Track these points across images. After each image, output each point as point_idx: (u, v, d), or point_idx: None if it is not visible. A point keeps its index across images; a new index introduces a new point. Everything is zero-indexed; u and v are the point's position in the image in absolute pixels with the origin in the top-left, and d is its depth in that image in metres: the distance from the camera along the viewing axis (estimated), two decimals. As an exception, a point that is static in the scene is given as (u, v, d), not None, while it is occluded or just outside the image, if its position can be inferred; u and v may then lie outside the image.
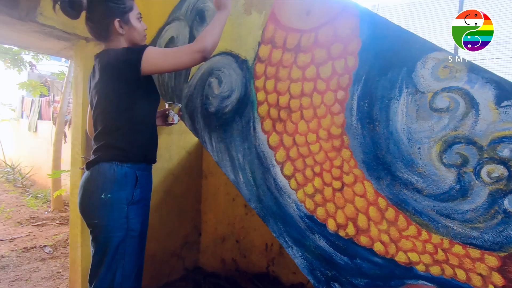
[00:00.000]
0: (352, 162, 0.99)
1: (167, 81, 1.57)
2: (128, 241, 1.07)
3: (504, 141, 0.76)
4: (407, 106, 0.89)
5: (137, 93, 1.10)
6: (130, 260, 1.09)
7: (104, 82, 1.10)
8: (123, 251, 1.07)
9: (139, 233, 1.11)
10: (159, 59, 1.04)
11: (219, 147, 1.34)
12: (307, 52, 1.08)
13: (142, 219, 1.13)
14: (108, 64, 1.09)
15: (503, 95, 0.77)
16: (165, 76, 1.58)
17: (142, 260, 1.17)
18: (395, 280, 0.91)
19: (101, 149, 1.10)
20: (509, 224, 0.76)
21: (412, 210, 0.88)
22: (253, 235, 2.29)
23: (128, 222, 1.07)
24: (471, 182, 0.80)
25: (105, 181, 1.06)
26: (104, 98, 1.11)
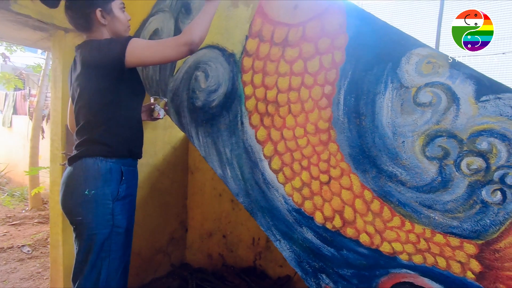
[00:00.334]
0: (339, 155, 1.01)
1: (151, 74, 1.54)
2: (113, 238, 1.05)
3: (483, 135, 0.80)
4: (392, 101, 0.91)
5: (121, 86, 1.07)
6: (115, 257, 1.07)
7: (86, 75, 1.06)
8: (109, 248, 1.05)
9: (125, 229, 1.09)
10: (144, 51, 1.01)
11: (206, 141, 1.32)
12: (295, 47, 1.09)
13: (128, 216, 1.10)
14: (90, 56, 1.04)
15: (482, 90, 0.80)
16: (149, 69, 1.54)
17: (128, 257, 1.15)
18: (380, 270, 0.94)
19: (84, 144, 1.06)
20: (486, 214, 0.80)
21: (396, 201, 0.91)
22: (240, 229, 2.29)
23: (114, 219, 1.05)
24: (452, 174, 0.83)
25: (89, 177, 1.02)
26: (86, 92, 1.07)
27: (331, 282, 1.03)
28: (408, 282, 0.90)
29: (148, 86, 1.53)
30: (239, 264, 2.28)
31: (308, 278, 1.08)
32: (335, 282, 1.02)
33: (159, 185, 2.20)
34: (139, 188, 1.24)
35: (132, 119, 1.15)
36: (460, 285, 0.83)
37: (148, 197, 2.11)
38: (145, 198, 2.08)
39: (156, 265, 2.23)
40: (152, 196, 2.14)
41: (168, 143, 2.28)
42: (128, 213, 1.11)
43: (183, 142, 2.40)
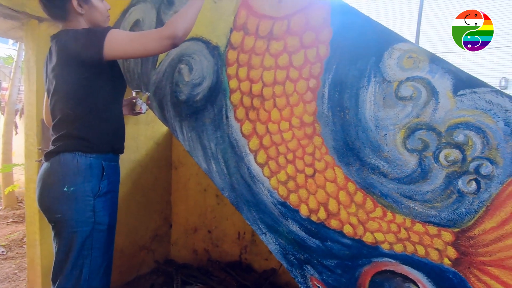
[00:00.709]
0: (323, 149, 1.02)
1: (133, 67, 1.49)
2: (95, 236, 1.02)
3: (460, 127, 0.83)
4: (375, 95, 0.93)
5: (100, 79, 1.02)
6: (98, 255, 1.04)
7: (62, 66, 1.01)
8: (90, 246, 1.02)
9: (107, 226, 1.06)
10: (124, 43, 0.97)
11: (190, 136, 1.30)
12: (280, 40, 1.08)
13: (110, 212, 1.07)
14: (67, 47, 0.99)
15: (459, 84, 0.83)
16: (130, 61, 1.49)
17: (110, 255, 1.12)
18: (363, 259, 0.97)
19: (62, 138, 1.02)
20: (462, 203, 0.83)
21: (379, 193, 0.94)
22: (225, 224, 2.29)
23: (95, 216, 1.02)
24: (431, 166, 0.87)
25: (68, 173, 0.98)
26: (62, 84, 1.02)
27: (316, 273, 1.05)
28: (390, 270, 0.93)
29: (130, 79, 1.49)
30: (224, 258, 2.29)
31: (293, 270, 1.10)
32: (319, 272, 1.04)
33: (142, 181, 2.15)
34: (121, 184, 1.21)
35: (113, 113, 1.11)
36: (438, 271, 0.87)
37: (130, 193, 2.06)
38: (128, 194, 2.04)
39: (140, 262, 2.20)
40: (134, 193, 2.10)
41: (151, 138, 2.23)
42: (110, 210, 1.07)
43: (167, 137, 2.36)
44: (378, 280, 0.95)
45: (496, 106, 0.80)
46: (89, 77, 1.00)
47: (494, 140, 0.79)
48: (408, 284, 0.90)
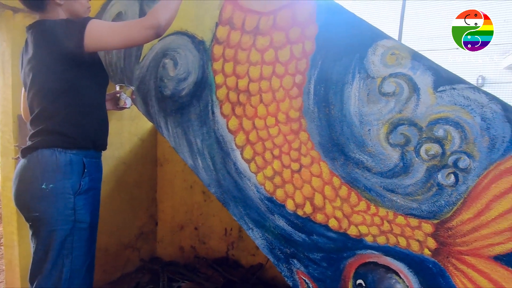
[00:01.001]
0: (309, 144, 1.03)
1: (115, 61, 1.45)
2: (76, 234, 0.99)
3: (439, 122, 0.86)
4: (359, 91, 0.95)
5: (81, 71, 0.99)
6: (79, 254, 1.02)
7: (39, 58, 0.97)
8: (71, 245, 0.99)
9: (88, 225, 1.03)
10: (105, 33, 0.94)
11: (176, 132, 1.29)
12: (266, 35, 1.08)
13: (91, 210, 1.05)
14: (44, 37, 0.95)
15: (439, 81, 0.86)
16: (112, 55, 1.45)
17: (93, 253, 1.10)
18: (347, 252, 0.99)
19: (40, 134, 0.98)
20: (441, 195, 0.87)
21: (363, 187, 0.96)
22: (212, 221, 2.28)
23: (76, 214, 0.99)
24: (412, 160, 0.89)
25: (46, 170, 0.95)
26: (40, 76, 0.98)
27: (302, 266, 1.06)
28: (373, 262, 0.96)
29: (112, 74, 1.45)
30: (211, 255, 2.28)
31: (280, 264, 1.11)
32: (305, 266, 1.06)
33: (126, 178, 2.11)
34: (104, 182, 1.18)
35: (95, 107, 1.08)
36: (418, 261, 0.90)
37: (114, 191, 2.02)
38: (111, 192, 1.99)
39: (125, 260, 2.16)
40: (118, 190, 2.05)
41: (135, 134, 2.18)
42: (91, 208, 1.05)
43: (151, 133, 2.32)
44: (362, 272, 0.97)
45: (473, 102, 0.83)
46: (68, 69, 0.97)
47: (471, 134, 0.83)
48: (391, 274, 0.93)
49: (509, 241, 0.79)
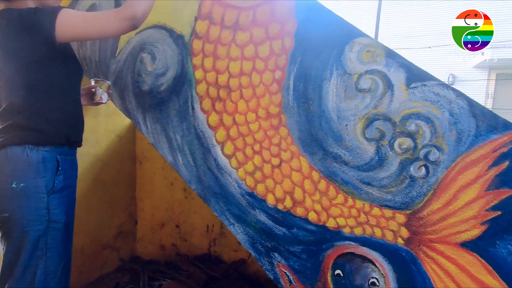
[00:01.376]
0: (289, 139, 1.05)
1: (89, 54, 1.39)
2: (50, 234, 0.95)
3: (412, 118, 0.90)
4: (337, 87, 0.97)
5: (52, 63, 0.94)
6: (54, 255, 0.98)
7: (5, 50, 0.91)
8: (45, 246, 0.95)
9: (63, 224, 1.00)
10: (78, 24, 0.90)
11: (155, 128, 1.26)
12: (246, 31, 1.08)
13: (66, 209, 1.01)
14: (11, 27, 0.90)
15: (411, 78, 0.90)
16: (86, 48, 1.40)
17: (69, 254, 1.06)
18: (326, 244, 1.02)
19: (9, 130, 0.93)
20: (413, 187, 0.91)
21: (340, 180, 0.99)
22: (194, 218, 2.27)
23: (50, 213, 0.95)
24: (387, 153, 0.93)
25: (17, 168, 0.90)
26: (7, 69, 0.92)
27: (282, 259, 1.09)
28: (350, 252, 0.99)
29: (86, 68, 1.39)
30: (193, 252, 2.27)
31: (261, 258, 1.12)
32: (286, 259, 1.08)
33: (103, 177, 2.04)
34: (80, 181, 1.14)
35: (68, 102, 1.04)
36: (392, 250, 0.94)
37: (91, 189, 1.95)
38: (88, 191, 1.92)
39: (103, 261, 2.10)
40: (95, 189, 1.99)
41: (112, 131, 2.11)
42: (67, 207, 1.01)
43: (129, 130, 2.25)
44: (340, 262, 1.01)
45: (443, 98, 0.87)
46: (39, 61, 0.92)
47: (440, 129, 0.87)
48: (367, 264, 0.97)
49: (473, 228, 0.84)
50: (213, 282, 1.96)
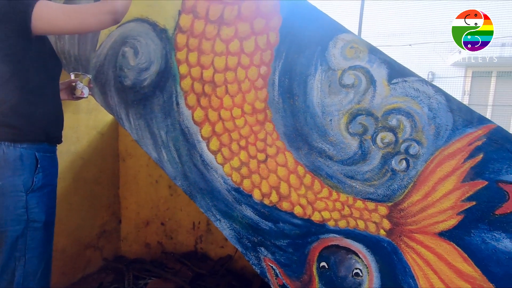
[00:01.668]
0: (274, 134, 1.05)
1: (68, 48, 1.35)
2: (30, 235, 0.92)
3: (393, 113, 0.93)
4: (321, 82, 0.98)
5: (28, 56, 0.90)
6: (33, 256, 0.95)
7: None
8: (24, 246, 0.92)
9: (43, 224, 0.97)
10: (57, 16, 0.87)
11: (138, 124, 1.24)
12: (231, 26, 1.07)
13: (46, 208, 0.98)
14: None
15: (393, 74, 0.92)
16: (65, 42, 1.35)
17: (49, 255, 1.03)
18: (311, 237, 1.04)
19: (-18, 126, 0.89)
20: (395, 180, 0.94)
21: (325, 174, 1.00)
22: (179, 215, 2.25)
23: (28, 213, 0.92)
24: (369, 148, 0.95)
25: (-9, 166, 0.87)
26: (-20, 63, 0.88)
27: (269, 254, 1.10)
28: (335, 245, 1.02)
29: (65, 62, 1.35)
30: (179, 250, 2.25)
31: (248, 253, 1.13)
32: (272, 253, 1.09)
33: (84, 175, 1.99)
34: (60, 179, 1.11)
35: (47, 97, 1.00)
36: (375, 241, 0.97)
37: (71, 188, 1.89)
38: (68, 189, 1.87)
39: (86, 261, 2.05)
40: (76, 187, 1.93)
41: (94, 128, 2.05)
42: (47, 206, 0.98)
43: (112, 127, 2.20)
44: (325, 255, 1.03)
45: (422, 93, 0.90)
46: (14, 54, 0.88)
47: (420, 123, 0.90)
48: (351, 255, 1.00)
49: (451, 218, 0.88)
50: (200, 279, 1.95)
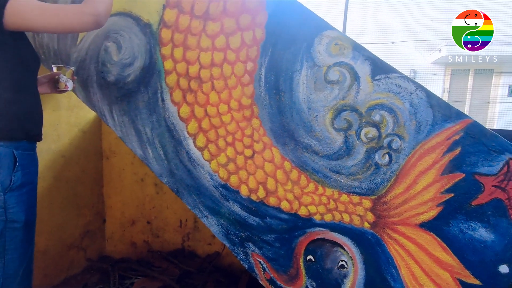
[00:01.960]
0: (261, 130, 1.06)
1: (47, 42, 1.30)
2: (8, 235, 0.89)
3: (376, 108, 0.95)
4: (307, 78, 1.00)
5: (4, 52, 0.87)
6: (13, 257, 0.92)
7: None
8: (3, 247, 0.89)
9: (23, 224, 0.93)
10: (33, 13, 0.83)
11: (122, 120, 1.21)
12: (216, 21, 1.07)
13: (26, 208, 0.94)
14: None
15: (376, 70, 0.95)
16: (43, 36, 1.30)
17: (30, 256, 1.00)
18: (298, 231, 1.06)
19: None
20: (378, 174, 0.97)
21: (311, 169, 1.02)
22: (166, 213, 2.22)
23: (7, 213, 0.88)
24: (354, 143, 0.98)
25: (-34, 164, 0.83)
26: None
27: (256, 249, 1.11)
28: (321, 238, 1.04)
29: (44, 57, 1.30)
30: (166, 248, 2.23)
31: (235, 249, 1.14)
32: (260, 248, 1.10)
33: (66, 174, 1.93)
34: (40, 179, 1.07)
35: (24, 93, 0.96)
36: (359, 234, 1.00)
37: (53, 188, 1.83)
38: (50, 189, 1.81)
39: (69, 262, 2.00)
40: (58, 187, 1.87)
41: (75, 125, 1.99)
42: (26, 205, 0.95)
43: (95, 124, 2.14)
44: (311, 248, 1.05)
45: (404, 89, 0.93)
46: None
47: (402, 118, 0.93)
48: (336, 248, 1.02)
49: (430, 209, 0.92)
50: (187, 276, 1.95)
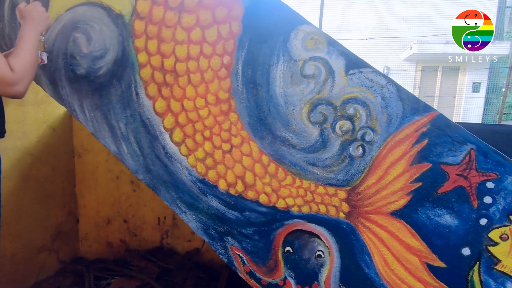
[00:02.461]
0: (239, 124, 1.06)
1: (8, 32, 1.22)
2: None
3: (350, 102, 0.98)
4: (284, 72, 1.01)
5: None
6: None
7: None
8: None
9: (-14, 226, 0.88)
10: None
11: (94, 115, 1.16)
12: (192, 13, 1.05)
13: (-11, 209, 0.89)
14: None
15: (350, 65, 0.97)
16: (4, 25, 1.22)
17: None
18: (276, 223, 1.08)
19: None
20: (352, 165, 1.00)
21: (289, 162, 1.04)
22: (144, 211, 2.17)
23: (-33, 214, 0.83)
24: (329, 135, 1.00)
25: None
26: None
27: (235, 242, 1.11)
28: (299, 230, 1.06)
29: (5, 48, 1.21)
30: (144, 246, 2.18)
31: (214, 243, 1.13)
32: (239, 241, 1.11)
33: (34, 173, 1.83)
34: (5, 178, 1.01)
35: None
36: (335, 224, 1.03)
37: (19, 188, 1.73)
38: (16, 189, 1.70)
39: (39, 265, 1.90)
40: (25, 187, 1.77)
41: (44, 122, 1.89)
42: (-11, 206, 0.89)
43: (65, 120, 2.04)
44: (289, 240, 1.07)
45: (376, 84, 0.96)
46: None
47: (374, 112, 0.97)
48: (313, 238, 1.05)
49: (401, 198, 0.97)
50: (167, 274, 1.92)
